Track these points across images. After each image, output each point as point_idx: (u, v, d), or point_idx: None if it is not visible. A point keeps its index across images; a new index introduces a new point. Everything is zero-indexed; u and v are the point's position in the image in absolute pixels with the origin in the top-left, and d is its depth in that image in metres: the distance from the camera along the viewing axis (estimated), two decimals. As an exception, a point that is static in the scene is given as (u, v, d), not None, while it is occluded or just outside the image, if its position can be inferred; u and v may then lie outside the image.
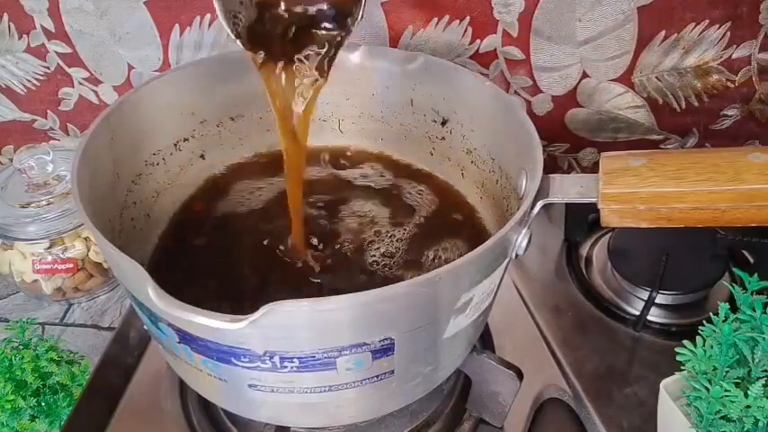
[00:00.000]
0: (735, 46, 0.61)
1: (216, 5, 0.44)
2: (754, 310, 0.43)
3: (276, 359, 0.36)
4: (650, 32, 0.61)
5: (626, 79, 0.64)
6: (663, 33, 0.61)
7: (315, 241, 0.52)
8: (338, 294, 0.33)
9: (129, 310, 0.61)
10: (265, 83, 0.47)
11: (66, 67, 0.72)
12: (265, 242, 0.52)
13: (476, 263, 0.37)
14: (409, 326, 0.37)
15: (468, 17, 0.62)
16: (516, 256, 0.41)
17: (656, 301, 0.58)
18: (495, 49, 0.64)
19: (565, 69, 0.64)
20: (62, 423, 0.53)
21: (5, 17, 0.69)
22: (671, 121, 0.67)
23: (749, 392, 0.39)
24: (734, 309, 0.44)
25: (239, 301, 0.47)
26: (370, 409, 0.44)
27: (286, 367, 0.36)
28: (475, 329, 0.45)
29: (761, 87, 0.63)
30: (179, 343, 0.38)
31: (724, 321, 0.43)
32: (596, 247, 0.68)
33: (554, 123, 0.69)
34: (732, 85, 0.64)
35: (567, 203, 0.45)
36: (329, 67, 0.47)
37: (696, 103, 0.65)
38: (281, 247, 0.52)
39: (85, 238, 0.68)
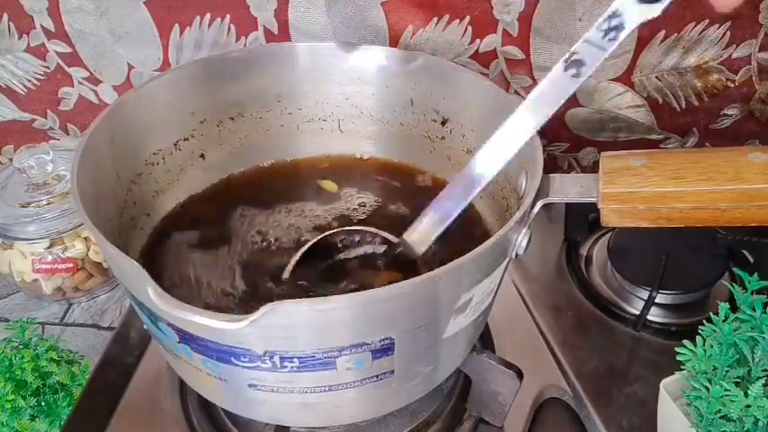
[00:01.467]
0: (735, 45, 0.61)
1: None
2: (754, 310, 0.43)
3: (276, 359, 0.36)
4: (650, 32, 0.61)
5: (626, 79, 0.64)
6: (663, 33, 0.61)
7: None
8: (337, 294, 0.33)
9: (129, 310, 0.61)
10: None
11: (65, 67, 0.72)
12: (265, 241, 0.52)
13: (476, 262, 0.37)
14: (409, 325, 0.37)
15: (467, 17, 0.62)
16: (516, 255, 0.41)
17: (656, 300, 0.58)
18: (495, 49, 0.64)
19: (565, 69, 0.64)
20: (62, 423, 0.53)
21: (5, 17, 0.69)
22: (671, 121, 0.67)
23: (749, 392, 0.39)
24: (734, 308, 0.44)
25: (240, 301, 0.47)
26: (370, 409, 0.44)
27: (286, 367, 0.36)
28: (475, 329, 0.45)
29: (761, 87, 0.63)
30: (179, 343, 0.38)
31: (724, 321, 0.43)
32: (596, 246, 0.68)
33: (554, 123, 0.69)
34: (732, 85, 0.64)
35: (566, 203, 0.45)
36: None
37: (696, 103, 0.65)
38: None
39: (85, 238, 0.68)
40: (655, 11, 0.32)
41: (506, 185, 0.50)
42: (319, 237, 0.48)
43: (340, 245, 0.48)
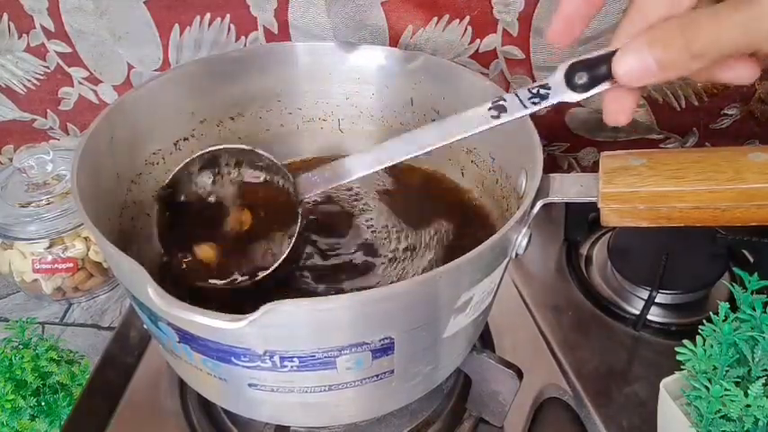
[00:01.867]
0: (735, 45, 0.61)
1: None
2: (754, 310, 0.43)
3: (276, 358, 0.36)
4: (650, 32, 0.61)
5: (626, 79, 0.64)
6: (663, 33, 0.61)
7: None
8: (337, 294, 0.33)
9: (129, 310, 0.61)
10: None
11: (65, 67, 0.72)
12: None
13: (476, 262, 0.37)
14: (409, 325, 0.37)
15: (467, 17, 0.62)
16: (516, 255, 0.41)
17: (656, 300, 0.58)
18: (495, 49, 0.64)
19: (565, 69, 0.64)
20: (62, 423, 0.53)
21: (5, 17, 0.69)
22: (671, 121, 0.67)
23: (749, 392, 0.39)
24: (734, 308, 0.44)
25: (239, 300, 0.47)
26: (369, 409, 0.44)
27: (286, 366, 0.36)
28: (475, 329, 0.45)
29: (761, 87, 0.63)
30: (179, 342, 0.38)
31: (724, 321, 0.43)
32: (596, 246, 0.68)
33: (554, 123, 0.69)
34: (732, 85, 0.64)
35: (566, 203, 0.45)
36: None
37: (696, 103, 0.65)
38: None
39: (85, 238, 0.68)
40: (573, 98, 0.36)
41: (506, 185, 0.50)
42: (205, 150, 0.47)
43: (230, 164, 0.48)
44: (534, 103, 0.38)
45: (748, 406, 0.39)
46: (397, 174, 0.58)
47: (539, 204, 0.41)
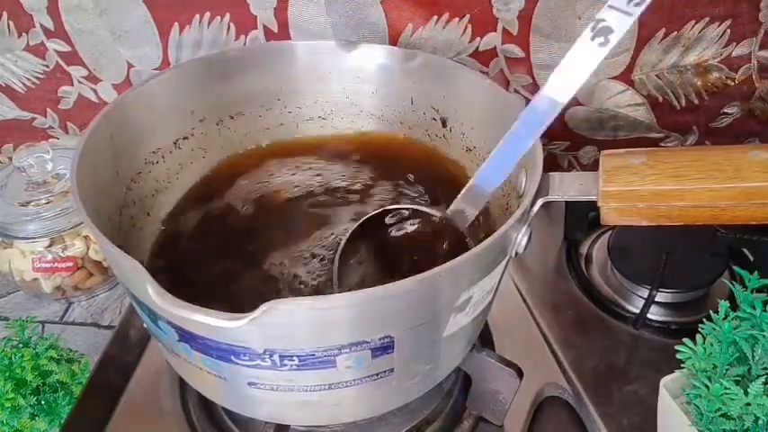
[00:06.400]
0: (735, 44, 0.61)
1: None
2: (754, 308, 0.43)
3: (276, 357, 0.36)
4: (650, 30, 0.61)
5: (626, 77, 0.64)
6: (663, 31, 0.61)
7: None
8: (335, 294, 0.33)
9: (129, 309, 0.61)
10: None
11: (65, 66, 0.72)
12: (266, 241, 0.52)
13: (475, 261, 0.37)
14: (409, 324, 0.37)
15: (467, 15, 0.62)
16: (516, 254, 0.41)
17: (656, 299, 0.58)
18: (495, 47, 0.64)
19: (565, 67, 0.64)
20: (62, 421, 0.53)
21: (5, 15, 0.69)
22: (671, 119, 0.67)
23: (749, 390, 0.39)
24: (734, 307, 0.44)
25: (239, 299, 0.47)
26: (369, 408, 0.44)
27: (286, 365, 0.36)
28: (475, 328, 0.45)
29: (761, 85, 0.63)
30: (179, 341, 0.38)
31: (724, 319, 0.43)
32: (596, 245, 0.68)
33: (554, 121, 0.69)
34: (732, 83, 0.63)
35: (567, 201, 0.45)
36: None
37: (696, 101, 0.65)
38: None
39: (85, 237, 0.68)
40: None
41: (506, 184, 0.49)
42: (368, 216, 0.47)
43: (389, 222, 0.48)
44: (637, 4, 0.34)
45: (748, 404, 0.39)
46: (397, 172, 0.58)
47: (539, 203, 0.41)
